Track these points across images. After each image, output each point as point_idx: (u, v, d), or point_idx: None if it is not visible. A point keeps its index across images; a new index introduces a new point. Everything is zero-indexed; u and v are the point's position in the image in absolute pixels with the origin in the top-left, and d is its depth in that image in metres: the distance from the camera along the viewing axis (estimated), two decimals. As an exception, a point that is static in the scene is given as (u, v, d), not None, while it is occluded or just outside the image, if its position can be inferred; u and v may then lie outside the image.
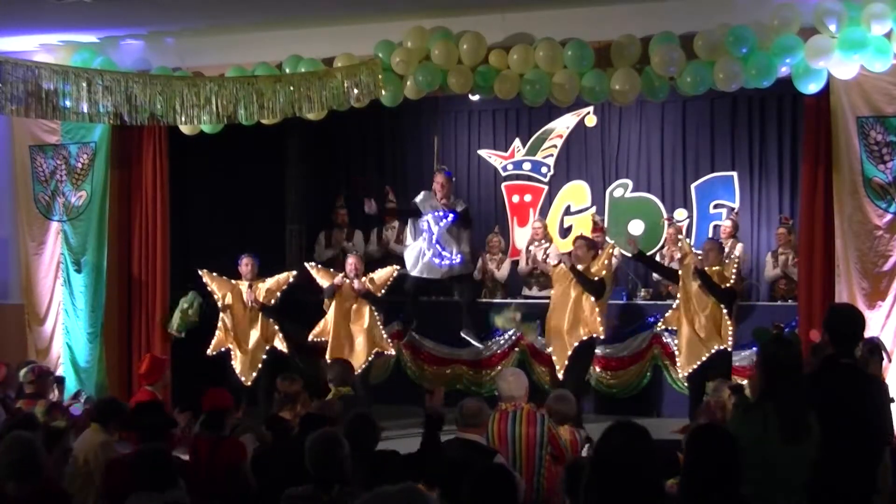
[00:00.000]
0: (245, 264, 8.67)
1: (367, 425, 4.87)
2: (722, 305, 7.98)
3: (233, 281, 8.69)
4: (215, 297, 8.71)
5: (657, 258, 9.88)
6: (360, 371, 8.32)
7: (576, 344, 8.26)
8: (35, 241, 9.08)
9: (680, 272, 8.30)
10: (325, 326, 8.60)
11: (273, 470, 5.06)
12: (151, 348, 8.71)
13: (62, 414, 6.69)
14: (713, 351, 7.96)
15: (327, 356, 8.38)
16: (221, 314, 8.69)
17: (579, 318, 8.28)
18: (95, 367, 8.80)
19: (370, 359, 8.50)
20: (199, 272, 8.73)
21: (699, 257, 8.16)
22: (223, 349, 8.67)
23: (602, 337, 8.53)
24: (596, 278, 8.34)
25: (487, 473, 3.86)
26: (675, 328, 8.40)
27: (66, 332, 8.95)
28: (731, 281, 8.09)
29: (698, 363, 7.98)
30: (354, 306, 8.55)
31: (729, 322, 7.99)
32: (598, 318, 8.28)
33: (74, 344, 8.92)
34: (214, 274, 8.72)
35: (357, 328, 8.51)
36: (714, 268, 8.08)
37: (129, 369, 8.95)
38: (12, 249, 9.28)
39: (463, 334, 9.15)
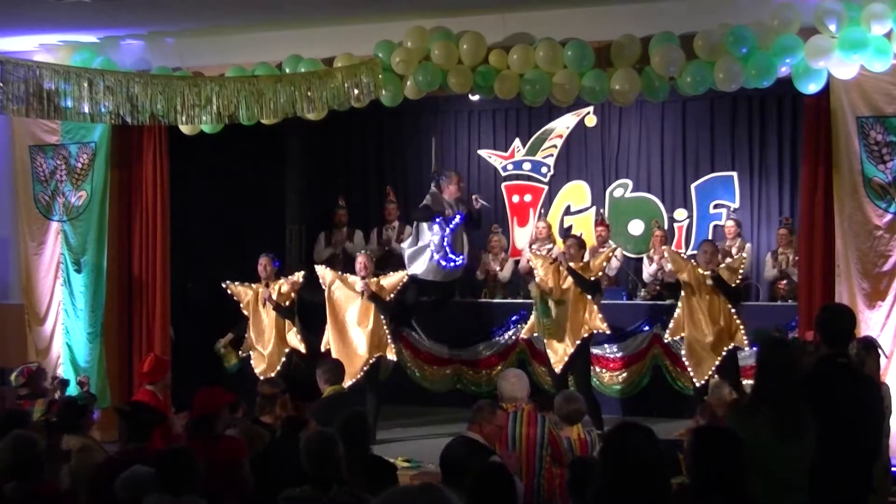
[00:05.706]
0: (261, 265, 8.58)
1: (361, 425, 4.85)
2: (731, 306, 7.90)
3: (253, 285, 8.60)
4: (241, 304, 8.63)
5: (644, 259, 9.90)
6: (362, 374, 8.29)
7: (578, 342, 8.14)
8: (35, 241, 9.07)
9: (687, 282, 8.04)
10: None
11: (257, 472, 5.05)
12: (151, 348, 8.69)
13: None
14: (724, 352, 7.87)
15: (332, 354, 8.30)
16: (248, 319, 8.60)
17: (579, 316, 8.18)
18: (95, 367, 8.77)
19: (372, 361, 8.36)
20: (223, 285, 8.61)
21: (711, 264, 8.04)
22: (251, 352, 8.60)
23: (608, 332, 8.48)
24: (592, 277, 8.24)
25: (485, 473, 3.87)
26: (681, 336, 8.11)
27: (66, 332, 8.94)
28: (739, 279, 8.02)
29: (712, 370, 7.83)
30: (360, 307, 8.40)
31: (739, 322, 7.90)
32: (599, 315, 8.16)
33: (74, 344, 8.90)
34: (236, 283, 8.62)
35: (362, 329, 8.38)
36: (720, 266, 8.04)
37: (129, 369, 8.93)
38: (12, 249, 9.28)
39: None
